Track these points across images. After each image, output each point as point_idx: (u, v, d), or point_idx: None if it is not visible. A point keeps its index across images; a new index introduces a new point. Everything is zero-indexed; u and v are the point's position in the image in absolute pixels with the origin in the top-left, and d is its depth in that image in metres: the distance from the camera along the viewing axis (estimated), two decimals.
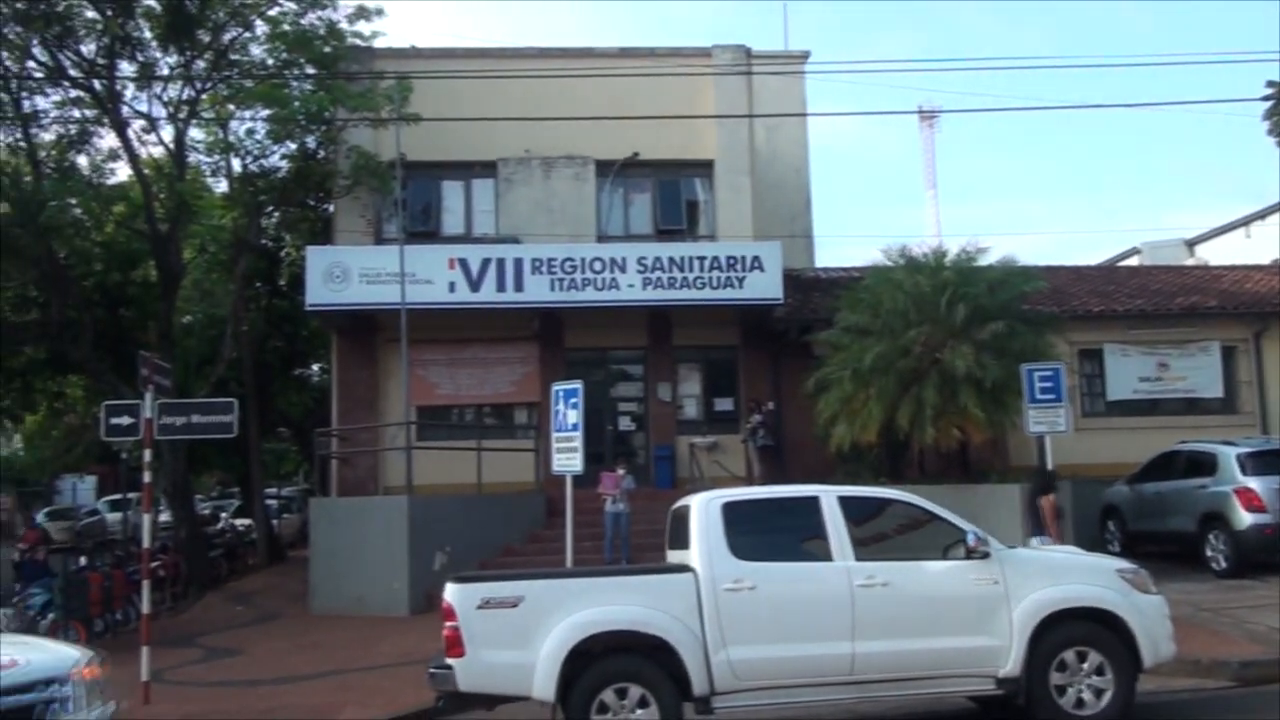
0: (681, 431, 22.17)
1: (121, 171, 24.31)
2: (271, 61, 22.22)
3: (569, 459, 12.96)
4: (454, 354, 21.96)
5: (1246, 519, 15.26)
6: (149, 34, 21.76)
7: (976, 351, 16.88)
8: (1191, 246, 32.51)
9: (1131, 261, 32.50)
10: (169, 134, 22.53)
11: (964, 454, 18.82)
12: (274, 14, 21.86)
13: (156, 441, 13.14)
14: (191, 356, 26.31)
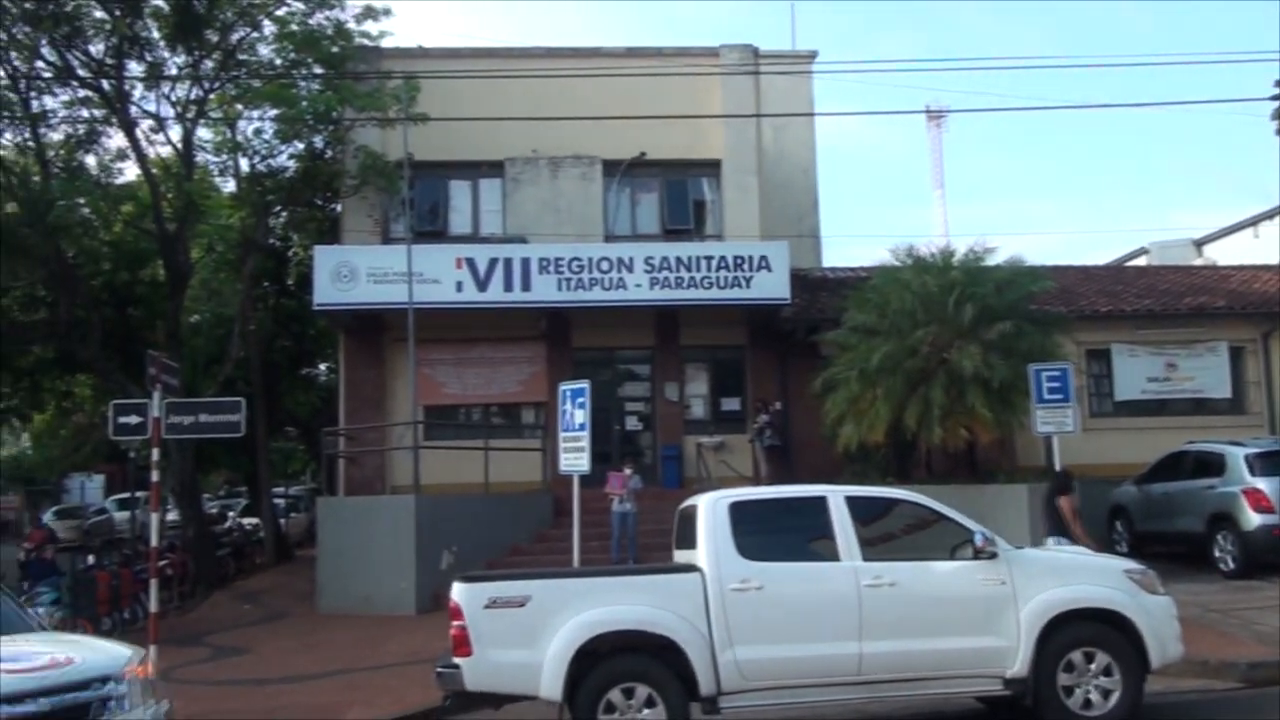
0: (688, 431, 22.16)
1: (130, 171, 24.47)
2: (279, 61, 22.30)
3: (576, 459, 12.95)
4: (461, 354, 21.97)
5: (1255, 520, 15.21)
6: (157, 34, 21.84)
7: (984, 351, 16.84)
8: (1199, 246, 32.36)
9: (1139, 261, 32.35)
10: (177, 134, 22.68)
11: (971, 454, 18.78)
12: (282, 14, 21.95)
13: (164, 440, 13.18)
14: (199, 356, 26.41)
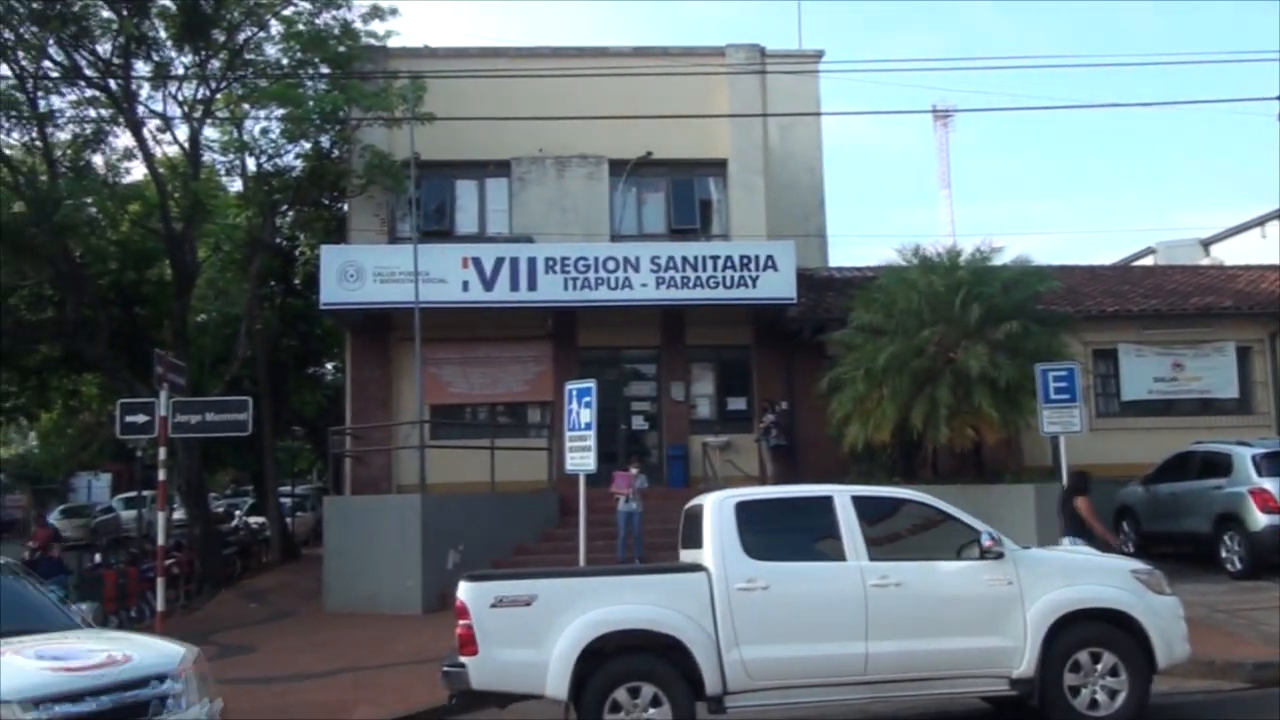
0: (695, 431, 22.14)
1: (137, 170, 24.47)
2: (286, 61, 22.32)
3: (582, 458, 12.96)
4: (467, 353, 21.99)
5: (1262, 520, 15.16)
6: (164, 34, 21.86)
7: (991, 351, 16.82)
8: (1206, 246, 32.28)
9: (1146, 261, 32.30)
10: (184, 133, 22.68)
11: (978, 454, 18.74)
12: (289, 14, 21.97)
13: (171, 439, 13.24)
14: (206, 355, 26.44)
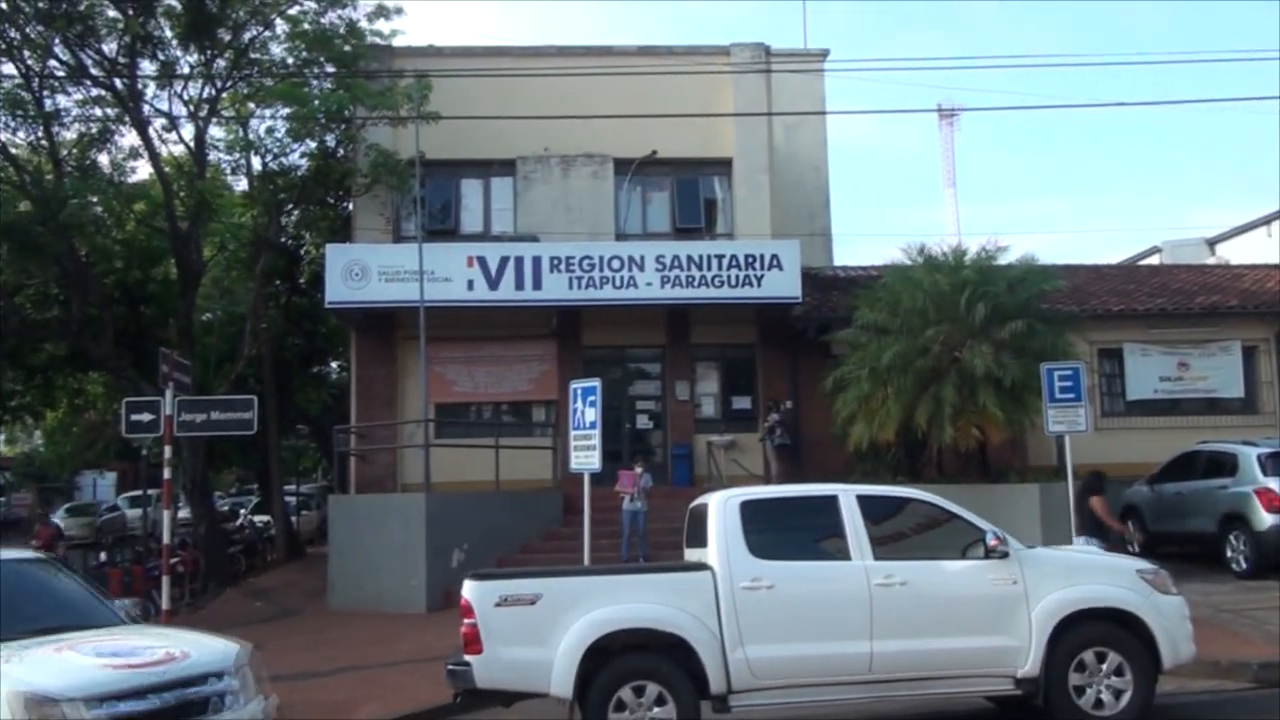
0: (699, 430, 22.13)
1: (142, 169, 24.54)
2: (291, 60, 22.32)
3: (587, 457, 12.94)
4: (472, 352, 22.01)
5: (1267, 520, 15.17)
6: (170, 33, 21.87)
7: (995, 350, 16.81)
8: (1212, 245, 32.19)
9: (1152, 260, 32.23)
10: (189, 132, 22.70)
11: (983, 453, 18.71)
12: (294, 13, 21.95)
13: (176, 438, 13.25)
14: (211, 354, 26.49)
